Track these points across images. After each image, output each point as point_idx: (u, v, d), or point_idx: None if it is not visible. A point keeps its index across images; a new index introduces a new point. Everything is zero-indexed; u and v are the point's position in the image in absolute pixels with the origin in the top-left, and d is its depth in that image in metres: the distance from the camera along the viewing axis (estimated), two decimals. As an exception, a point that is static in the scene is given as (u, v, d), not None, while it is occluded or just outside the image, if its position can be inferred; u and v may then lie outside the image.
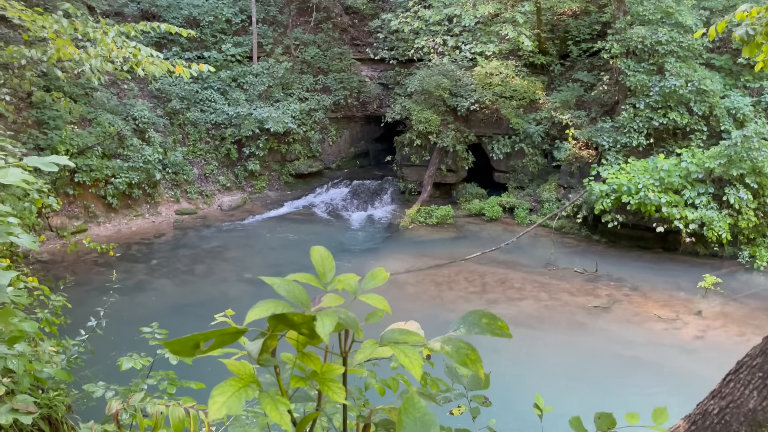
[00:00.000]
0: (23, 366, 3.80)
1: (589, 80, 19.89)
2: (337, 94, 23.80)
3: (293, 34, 24.49)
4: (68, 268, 14.74)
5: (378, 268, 1.46)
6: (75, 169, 17.16)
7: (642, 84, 17.07)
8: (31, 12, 10.11)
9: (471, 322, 1.32)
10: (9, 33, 17.23)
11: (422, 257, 15.85)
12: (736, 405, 1.82)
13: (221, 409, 1.02)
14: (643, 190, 14.95)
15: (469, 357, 1.26)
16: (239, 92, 22.37)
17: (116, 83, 20.28)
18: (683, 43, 16.97)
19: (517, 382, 9.41)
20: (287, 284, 1.22)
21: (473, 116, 20.45)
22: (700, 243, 15.39)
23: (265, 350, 1.14)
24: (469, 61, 21.54)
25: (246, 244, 17.29)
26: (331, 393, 1.18)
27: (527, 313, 12.57)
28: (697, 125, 16.79)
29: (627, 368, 10.41)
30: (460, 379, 2.36)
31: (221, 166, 21.93)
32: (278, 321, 1.08)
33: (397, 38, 24.19)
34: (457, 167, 20.78)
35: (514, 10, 19.38)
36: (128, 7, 22.49)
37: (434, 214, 18.77)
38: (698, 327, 11.92)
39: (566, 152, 18.54)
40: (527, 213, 18.87)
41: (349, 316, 1.16)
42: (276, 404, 1.08)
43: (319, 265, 1.36)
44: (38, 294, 5.55)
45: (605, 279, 14.46)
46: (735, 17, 5.80)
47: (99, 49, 9.45)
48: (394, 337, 1.27)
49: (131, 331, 6.28)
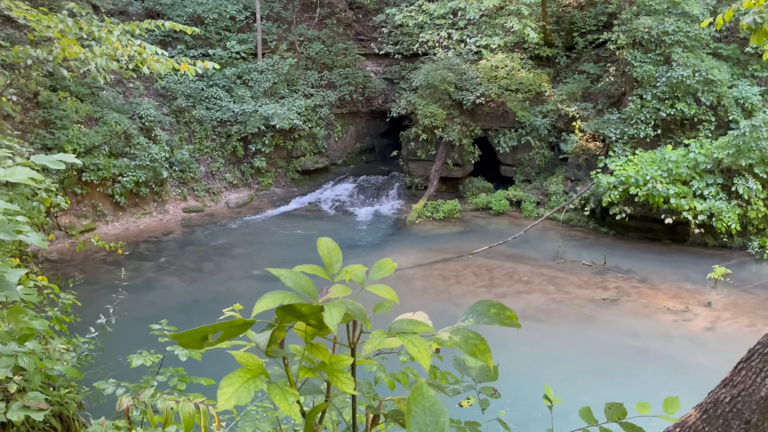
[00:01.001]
0: (34, 364, 3.83)
1: (596, 72, 19.78)
2: (342, 90, 23.78)
3: (297, 30, 24.47)
4: (77, 266, 14.83)
5: (385, 258, 1.45)
6: (82, 169, 17.24)
7: (649, 75, 16.96)
8: (36, 12, 10.14)
9: (480, 312, 1.31)
10: (15, 33, 17.31)
11: (429, 252, 15.84)
12: (748, 393, 1.81)
13: (230, 400, 1.02)
14: (651, 182, 14.87)
15: (477, 347, 1.25)
16: (244, 89, 22.38)
17: (122, 82, 20.34)
18: (690, 33, 16.83)
19: (526, 374, 9.40)
20: (294, 275, 1.22)
21: (479, 110, 20.38)
22: (709, 234, 15.31)
23: (273, 341, 1.14)
24: (474, 54, 21.47)
25: (253, 241, 17.33)
26: (340, 384, 1.18)
27: (535, 306, 12.55)
28: (705, 115, 16.67)
29: (637, 360, 10.38)
30: (468, 372, 2.36)
31: (228, 163, 21.97)
32: (286, 312, 1.08)
33: (402, 33, 24.13)
34: (464, 161, 20.73)
35: (519, 2, 19.30)
36: (132, 6, 22.53)
37: (441, 209, 18.74)
38: (708, 318, 11.86)
39: (573, 144, 18.46)
40: (534, 206, 18.81)
41: (357, 307, 1.15)
42: (285, 395, 1.08)
43: (326, 256, 1.35)
44: (48, 292, 5.59)
45: (614, 271, 14.41)
46: (742, 6, 5.75)
47: (104, 48, 9.48)
48: (402, 327, 1.27)
49: (140, 329, 6.31)
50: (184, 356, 4.37)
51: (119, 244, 9.79)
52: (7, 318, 3.24)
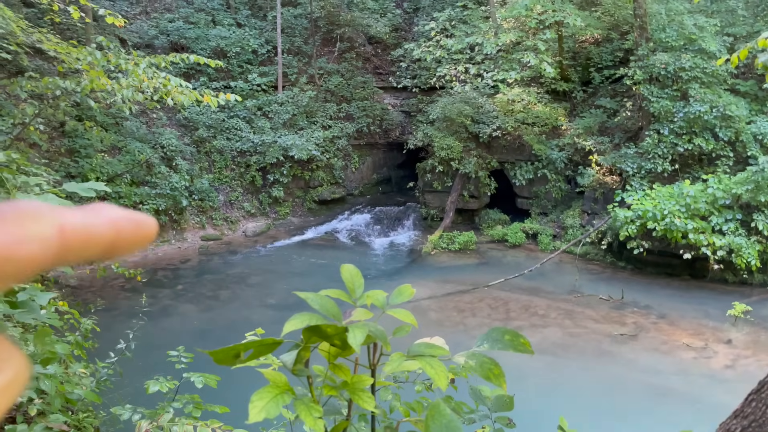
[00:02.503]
0: (55, 387, 3.91)
1: (612, 106, 19.88)
2: (360, 122, 24.11)
3: (317, 64, 24.97)
4: (96, 293, 15.00)
5: (405, 284, 1.52)
6: (104, 196, 17.54)
7: (666, 110, 17.01)
8: (66, 45, 10.51)
9: (494, 338, 1.37)
10: (44, 65, 17.87)
11: (445, 283, 15.81)
12: (758, 424, 1.82)
13: (260, 413, 1.08)
14: (669, 217, 14.79)
15: (492, 371, 1.30)
16: (264, 120, 22.79)
17: (145, 112, 20.82)
18: (707, 69, 16.91)
19: (541, 408, 9.28)
20: (320, 299, 1.29)
21: (495, 142, 20.52)
22: (728, 270, 15.12)
23: (299, 361, 1.20)
24: (491, 88, 21.70)
25: (270, 270, 17.43)
26: (362, 402, 1.23)
27: (552, 341, 12.42)
28: (723, 151, 16.63)
29: (655, 398, 10.21)
30: (484, 401, 2.39)
31: (246, 192, 22.25)
32: (312, 332, 1.14)
33: (420, 67, 24.51)
34: (480, 193, 20.80)
35: (535, 38, 19.57)
36: (158, 40, 23.20)
37: (456, 240, 18.75)
38: (728, 356, 11.65)
39: (590, 178, 18.46)
40: (551, 239, 18.75)
41: (378, 329, 1.22)
42: (310, 411, 1.14)
43: (348, 282, 1.42)
44: (68, 317, 5.69)
45: (631, 306, 14.25)
46: (758, 44, 5.81)
47: (130, 80, 9.77)
48: (420, 350, 1.32)
49: (157, 355, 6.37)
50: (200, 383, 4.42)
51: (138, 271, 9.91)
52: (34, 340, 3.32)
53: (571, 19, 18.54)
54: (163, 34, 23.53)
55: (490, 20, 22.84)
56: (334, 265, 17.01)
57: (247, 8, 26.39)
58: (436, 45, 23.49)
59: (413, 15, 27.44)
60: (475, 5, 24.43)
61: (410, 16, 27.59)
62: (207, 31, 24.00)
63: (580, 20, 18.64)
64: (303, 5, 26.44)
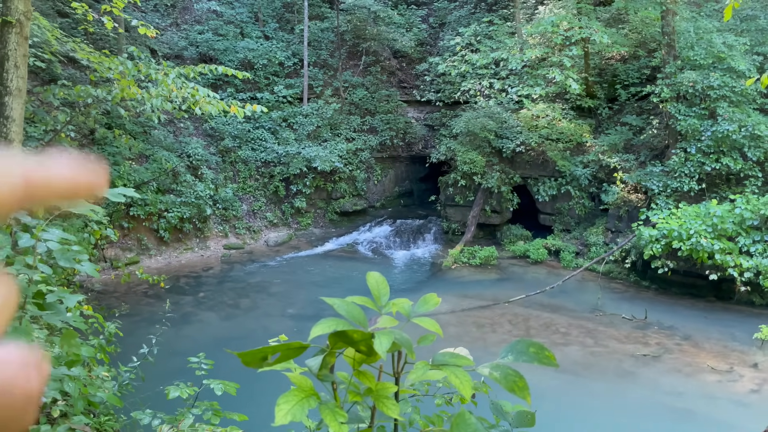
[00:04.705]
0: (78, 389, 3.96)
1: (638, 124, 19.69)
2: (383, 135, 24.22)
3: (343, 77, 25.18)
4: (120, 298, 15.20)
5: (430, 293, 1.52)
6: (130, 203, 17.86)
7: (693, 128, 16.80)
8: (99, 54, 10.77)
9: (519, 350, 1.36)
10: (76, 73, 18.31)
11: (465, 298, 15.71)
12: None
13: (287, 416, 1.09)
14: (695, 236, 14.54)
15: (516, 384, 1.30)
16: (289, 132, 23.02)
17: (173, 122, 21.16)
18: (736, 88, 16.68)
19: (561, 428, 9.15)
20: (346, 305, 1.30)
21: (519, 158, 20.43)
22: (756, 292, 14.80)
23: (324, 366, 1.21)
24: (515, 103, 21.66)
25: (290, 280, 17.51)
26: (386, 409, 1.24)
27: (573, 359, 12.25)
28: (752, 171, 16.35)
29: (677, 421, 9.99)
30: (505, 416, 2.37)
31: (269, 202, 22.44)
32: (338, 338, 1.16)
33: (444, 81, 24.58)
34: (502, 208, 20.70)
35: (561, 54, 19.50)
36: (188, 51, 23.63)
37: (478, 255, 18.65)
38: (754, 380, 11.38)
39: (614, 195, 18.27)
40: (573, 256, 18.55)
41: (404, 337, 1.22)
42: (335, 416, 1.15)
43: (374, 289, 1.43)
44: (92, 321, 5.77)
45: (655, 327, 14.01)
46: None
47: (160, 89, 9.95)
48: (444, 359, 1.33)
49: (177, 361, 6.43)
50: (219, 390, 4.44)
51: (162, 277, 10.02)
52: (61, 342, 3.38)
53: (598, 36, 18.45)
54: (192, 46, 23.96)
55: (515, 36, 22.85)
56: (354, 277, 17.03)
57: (274, 21, 26.77)
58: (461, 59, 23.55)
59: (438, 30, 27.56)
60: (501, 21, 24.47)
61: (435, 31, 27.71)
62: (235, 43, 24.38)
63: (606, 37, 18.54)
64: (330, 19, 26.74)
